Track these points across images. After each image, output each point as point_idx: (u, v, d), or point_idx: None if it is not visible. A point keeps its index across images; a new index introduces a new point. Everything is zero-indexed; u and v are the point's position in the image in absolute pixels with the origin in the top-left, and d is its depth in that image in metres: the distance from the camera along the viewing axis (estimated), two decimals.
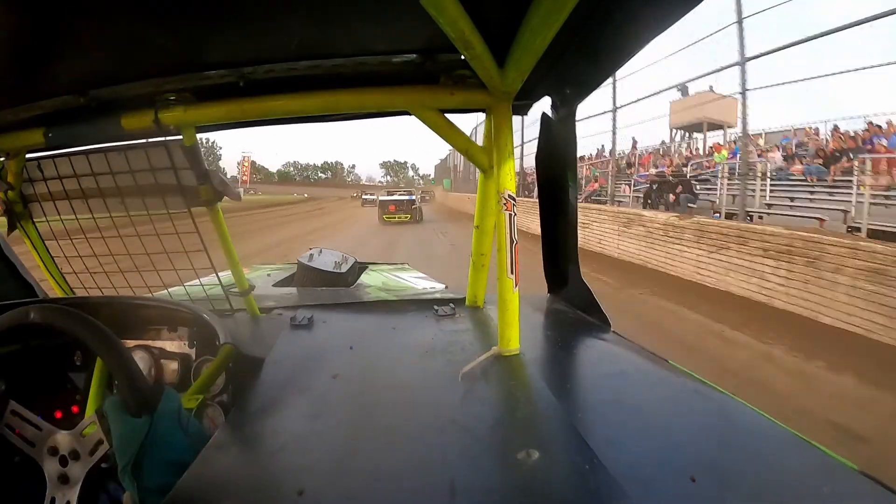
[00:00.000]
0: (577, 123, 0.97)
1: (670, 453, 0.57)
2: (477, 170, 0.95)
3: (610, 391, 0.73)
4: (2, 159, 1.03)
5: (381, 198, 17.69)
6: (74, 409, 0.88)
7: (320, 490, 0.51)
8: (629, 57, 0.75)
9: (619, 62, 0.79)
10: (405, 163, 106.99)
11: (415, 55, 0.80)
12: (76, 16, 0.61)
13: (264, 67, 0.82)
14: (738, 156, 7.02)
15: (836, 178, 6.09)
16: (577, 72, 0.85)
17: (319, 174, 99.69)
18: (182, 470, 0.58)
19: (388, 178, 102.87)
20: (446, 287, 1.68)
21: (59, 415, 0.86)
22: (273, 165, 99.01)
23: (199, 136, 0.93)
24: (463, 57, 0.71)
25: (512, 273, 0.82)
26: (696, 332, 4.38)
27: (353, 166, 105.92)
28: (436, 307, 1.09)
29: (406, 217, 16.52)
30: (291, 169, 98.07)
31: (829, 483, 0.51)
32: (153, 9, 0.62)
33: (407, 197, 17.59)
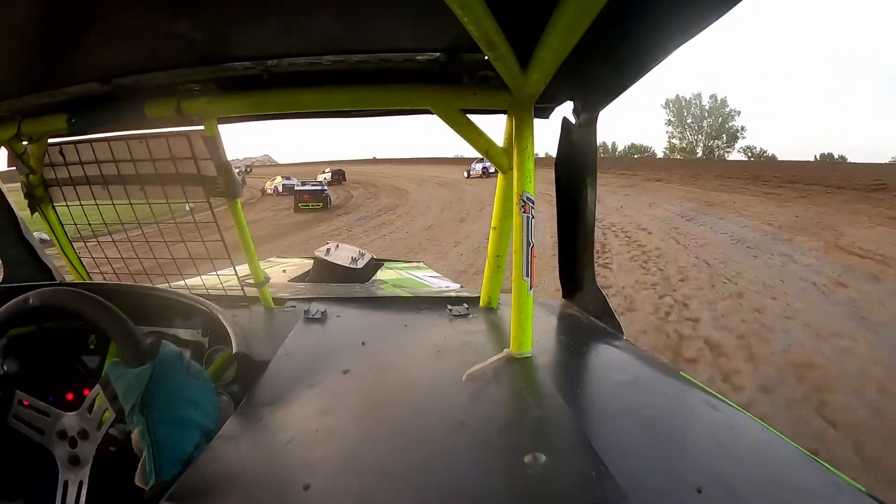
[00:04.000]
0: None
1: (677, 464, 0.56)
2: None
3: (620, 399, 0.73)
4: (25, 143, 1.04)
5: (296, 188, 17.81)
6: (86, 392, 0.89)
7: (326, 486, 0.51)
8: (654, 64, 0.74)
9: (643, 69, 0.77)
10: None
11: (439, 54, 0.80)
12: (102, 5, 0.62)
13: (288, 61, 0.82)
14: None
15: None
16: (600, 77, 0.84)
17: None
18: (189, 403, 0.60)
19: None
20: (461, 287, 1.67)
21: (70, 397, 0.87)
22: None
23: None
24: (486, 57, 0.71)
25: (527, 276, 0.81)
26: None
27: None
28: (449, 306, 1.09)
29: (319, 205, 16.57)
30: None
31: (834, 502, 0.51)
32: (178, 0, 0.62)
33: (318, 188, 17.71)
